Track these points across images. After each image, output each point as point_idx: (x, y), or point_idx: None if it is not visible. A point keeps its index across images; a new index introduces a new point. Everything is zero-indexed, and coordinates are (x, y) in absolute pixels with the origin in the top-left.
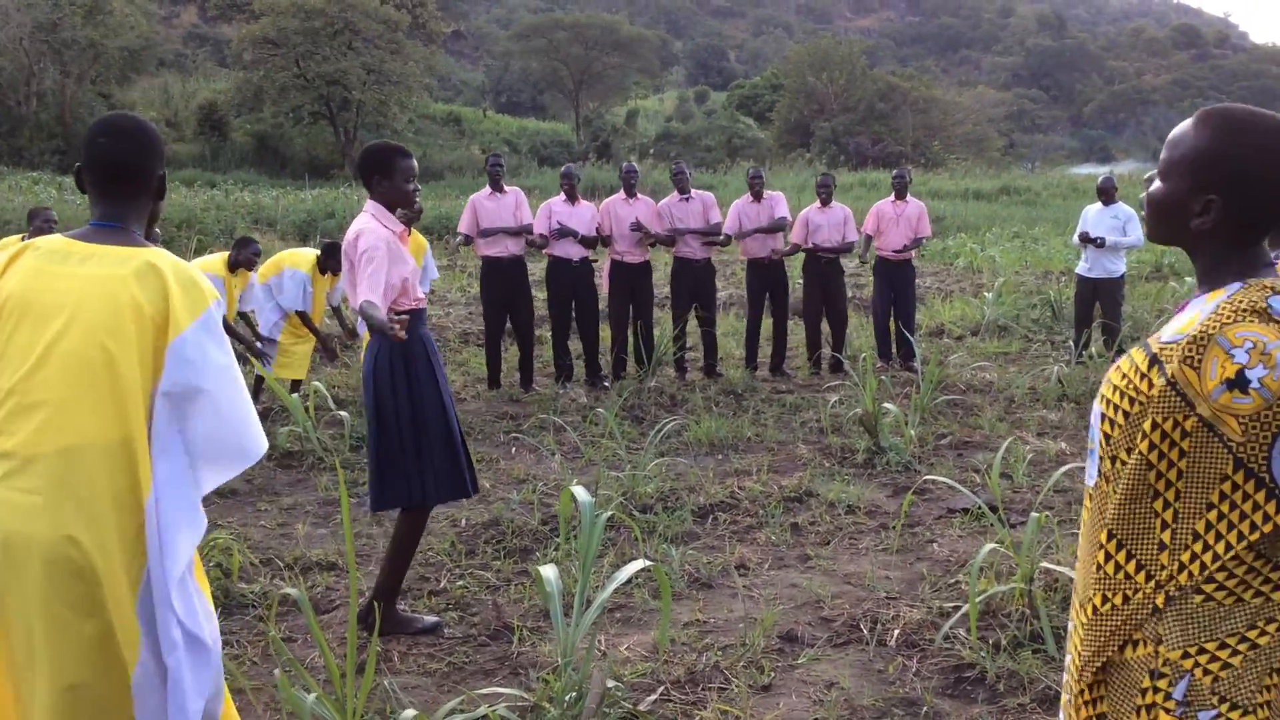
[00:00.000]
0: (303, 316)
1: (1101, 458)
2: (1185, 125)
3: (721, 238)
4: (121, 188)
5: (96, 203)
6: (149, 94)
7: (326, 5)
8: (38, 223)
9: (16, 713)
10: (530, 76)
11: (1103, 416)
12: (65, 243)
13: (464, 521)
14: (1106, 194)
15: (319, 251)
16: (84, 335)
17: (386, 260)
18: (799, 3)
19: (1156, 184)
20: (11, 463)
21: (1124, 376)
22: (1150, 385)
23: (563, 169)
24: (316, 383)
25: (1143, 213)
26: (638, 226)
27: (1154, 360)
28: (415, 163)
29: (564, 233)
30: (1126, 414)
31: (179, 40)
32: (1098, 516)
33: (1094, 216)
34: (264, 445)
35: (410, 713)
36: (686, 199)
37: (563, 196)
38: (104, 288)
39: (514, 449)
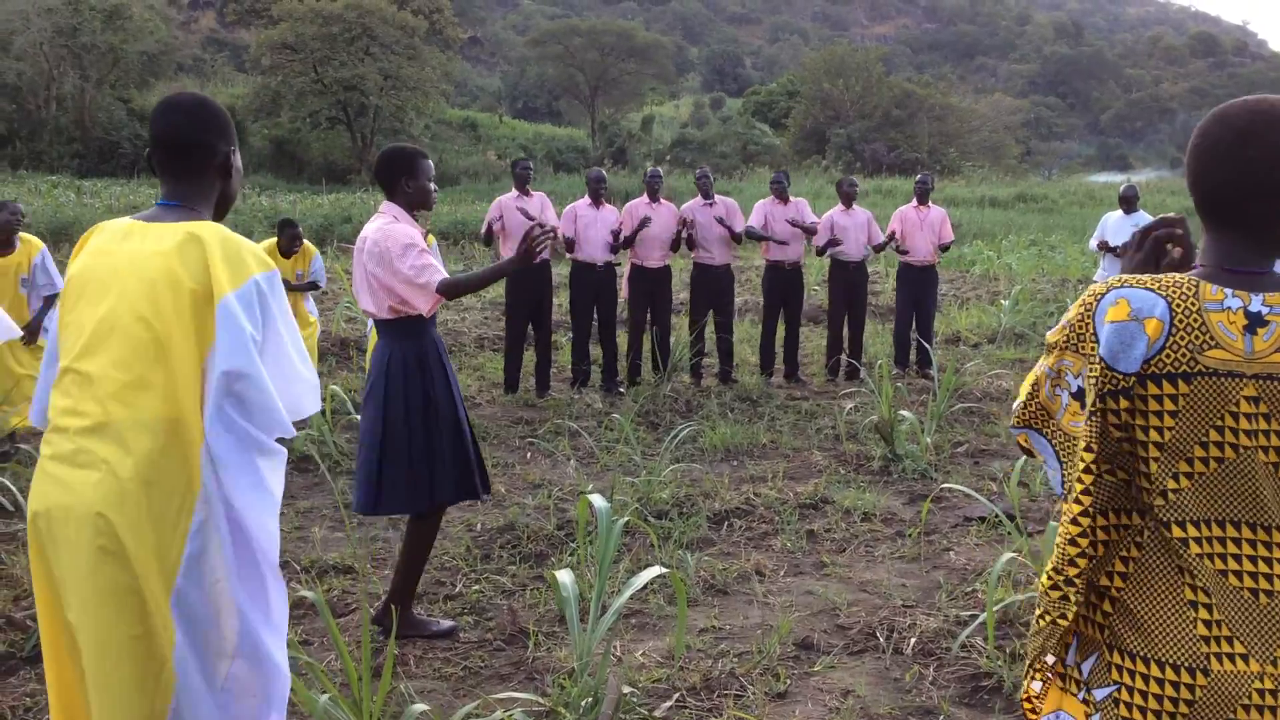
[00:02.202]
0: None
1: None
2: None
3: (749, 228)
4: (181, 164)
5: (162, 182)
6: None
7: (344, 11)
8: (4, 215)
9: (75, 666)
10: (546, 82)
11: None
12: (129, 223)
13: (479, 526)
14: (1129, 202)
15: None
16: (128, 313)
17: (428, 251)
18: (815, 9)
19: None
20: (61, 437)
21: None
22: None
23: (591, 173)
24: (334, 386)
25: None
26: (644, 224)
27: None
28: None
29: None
30: None
31: (197, 45)
32: None
33: (1114, 224)
34: (311, 409)
35: (420, 707)
36: (710, 204)
37: (587, 200)
38: (147, 264)
39: (529, 454)
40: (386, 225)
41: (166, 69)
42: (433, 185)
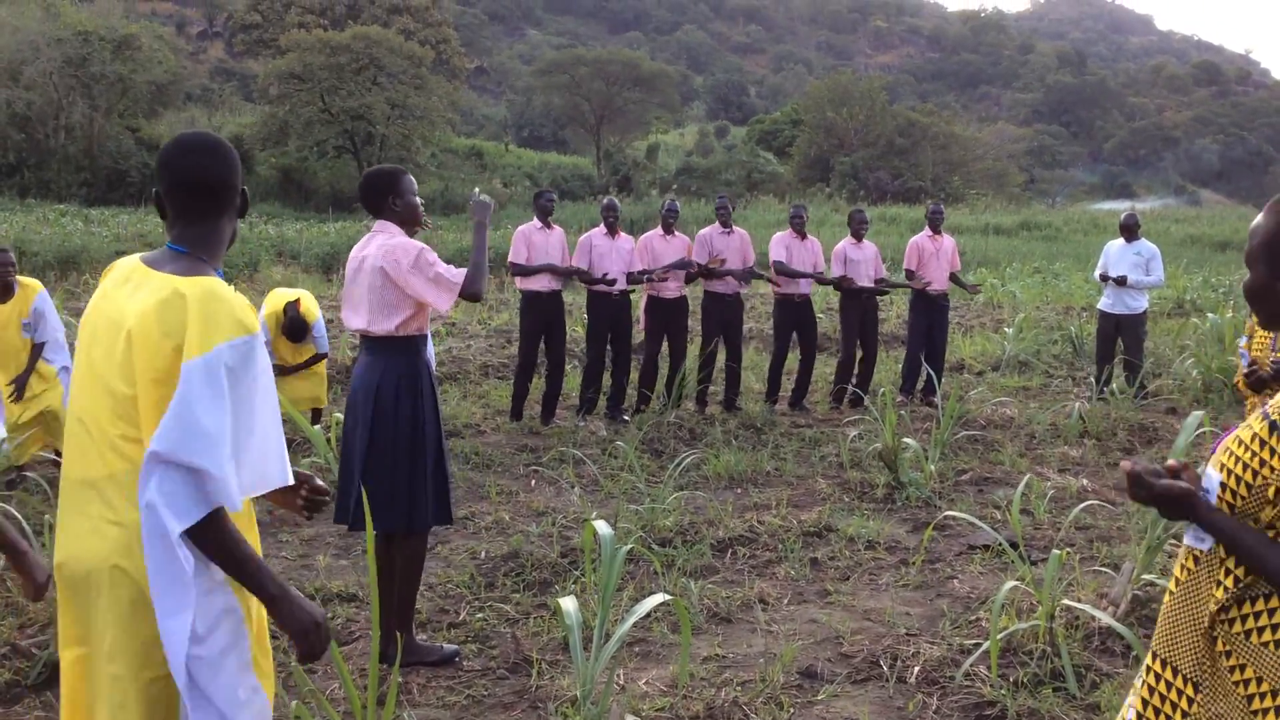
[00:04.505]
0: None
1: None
2: (1260, 215)
3: (774, 264)
4: (203, 206)
5: (174, 224)
6: (176, 128)
7: (352, 42)
8: None
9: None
10: (552, 111)
11: (1223, 485)
12: (133, 267)
13: (483, 554)
14: (1129, 231)
15: (290, 301)
16: (111, 368)
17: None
18: (819, 39)
19: (1246, 274)
20: (72, 488)
21: (1244, 446)
22: (1273, 453)
23: (605, 202)
24: (338, 414)
25: None
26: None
27: (1274, 427)
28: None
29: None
30: (1249, 485)
31: (206, 75)
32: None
33: (1116, 253)
34: (279, 481)
35: None
36: (728, 232)
37: (603, 229)
38: (129, 320)
39: (533, 481)
40: (389, 240)
41: (175, 99)
42: (419, 200)
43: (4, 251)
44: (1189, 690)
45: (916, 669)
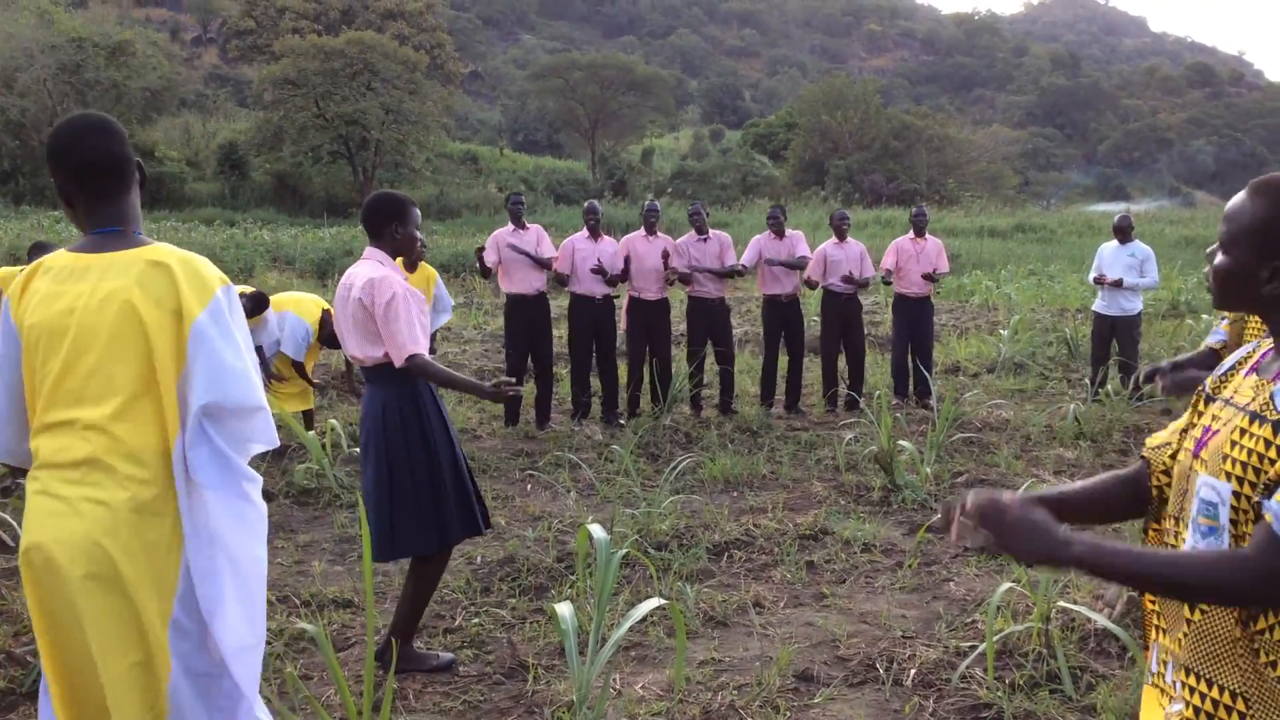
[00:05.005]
0: (298, 367)
1: (1237, 532)
2: (1241, 197)
3: (739, 266)
4: (112, 185)
5: (92, 210)
6: (170, 134)
7: (346, 47)
8: (40, 256)
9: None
10: (547, 116)
11: (1236, 494)
12: (71, 258)
13: (479, 559)
14: (1123, 232)
15: (325, 308)
16: (101, 355)
17: (414, 305)
18: (814, 43)
19: (1220, 256)
20: (51, 473)
21: (1246, 450)
22: (1268, 445)
23: (586, 205)
24: (333, 420)
25: (1207, 283)
26: (666, 257)
27: (1255, 418)
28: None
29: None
30: (1253, 484)
31: (200, 81)
32: None
33: (1110, 255)
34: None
35: None
36: (704, 239)
37: (585, 232)
38: (113, 303)
39: (529, 486)
40: (374, 273)
41: (169, 105)
42: (420, 235)
43: (56, 246)
44: (1239, 705)
45: (913, 671)
